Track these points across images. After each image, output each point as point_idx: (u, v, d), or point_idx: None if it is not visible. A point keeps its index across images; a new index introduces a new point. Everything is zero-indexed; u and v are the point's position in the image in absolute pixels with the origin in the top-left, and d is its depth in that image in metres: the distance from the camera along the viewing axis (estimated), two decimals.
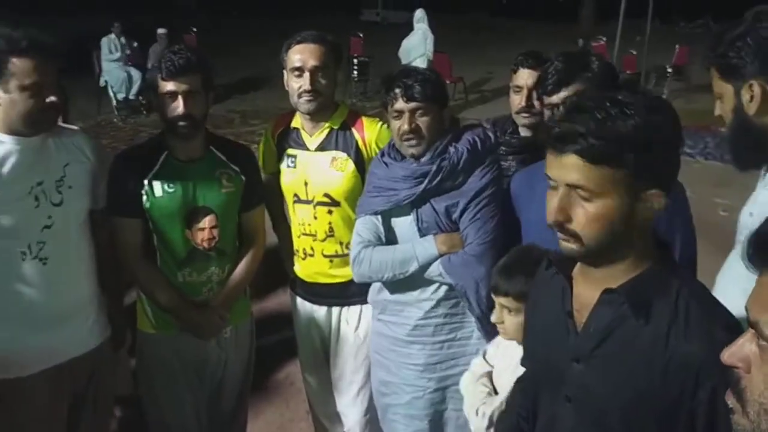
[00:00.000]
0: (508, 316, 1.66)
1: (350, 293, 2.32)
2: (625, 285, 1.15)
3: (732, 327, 1.07)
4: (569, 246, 1.16)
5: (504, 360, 1.78)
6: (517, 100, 2.24)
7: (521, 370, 1.49)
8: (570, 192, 1.12)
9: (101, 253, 2.11)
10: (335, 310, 2.39)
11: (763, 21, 1.41)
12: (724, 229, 0.78)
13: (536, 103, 2.15)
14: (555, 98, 1.81)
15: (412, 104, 1.94)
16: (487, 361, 1.85)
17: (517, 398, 1.53)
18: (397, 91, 1.95)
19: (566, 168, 1.11)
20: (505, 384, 1.70)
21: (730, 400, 0.87)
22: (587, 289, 1.23)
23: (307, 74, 2.17)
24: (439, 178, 1.95)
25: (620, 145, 1.07)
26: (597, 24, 13.09)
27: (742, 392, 0.84)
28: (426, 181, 1.95)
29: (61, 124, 2.08)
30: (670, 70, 11.58)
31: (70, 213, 1.97)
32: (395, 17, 20.16)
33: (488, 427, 1.69)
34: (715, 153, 8.05)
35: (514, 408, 1.50)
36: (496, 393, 1.75)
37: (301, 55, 2.18)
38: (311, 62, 2.17)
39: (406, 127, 1.95)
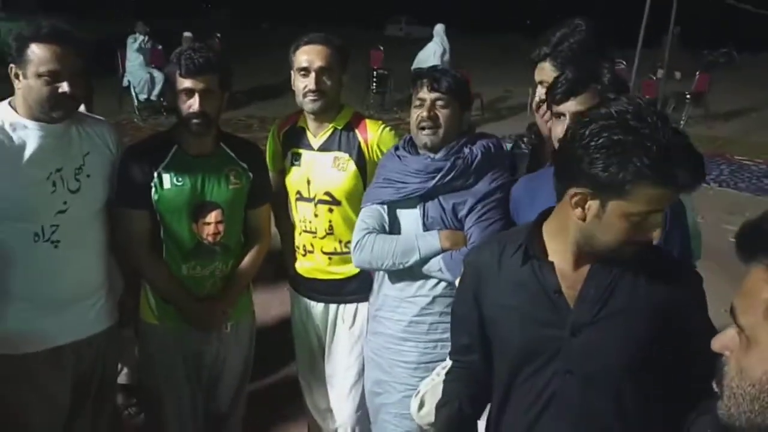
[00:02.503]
0: None
1: (347, 291, 2.35)
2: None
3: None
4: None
5: None
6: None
7: None
8: None
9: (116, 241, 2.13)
10: (332, 307, 2.41)
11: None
12: (734, 256, 0.83)
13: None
14: (562, 107, 1.78)
15: (435, 94, 2.00)
16: None
17: (453, 387, 1.56)
18: (424, 80, 2.01)
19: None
20: None
21: (714, 385, 0.90)
22: (572, 267, 1.33)
23: (312, 74, 2.21)
24: (451, 176, 1.98)
25: None
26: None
27: (722, 378, 0.87)
28: (438, 176, 1.98)
29: (86, 113, 2.09)
30: (689, 96, 11.54)
31: (86, 200, 2.00)
32: (418, 33, 20.22)
33: (420, 408, 1.78)
34: (728, 180, 8.03)
35: (455, 398, 1.53)
36: None
37: (307, 55, 2.23)
38: (317, 63, 2.22)
39: (425, 114, 1.99)
